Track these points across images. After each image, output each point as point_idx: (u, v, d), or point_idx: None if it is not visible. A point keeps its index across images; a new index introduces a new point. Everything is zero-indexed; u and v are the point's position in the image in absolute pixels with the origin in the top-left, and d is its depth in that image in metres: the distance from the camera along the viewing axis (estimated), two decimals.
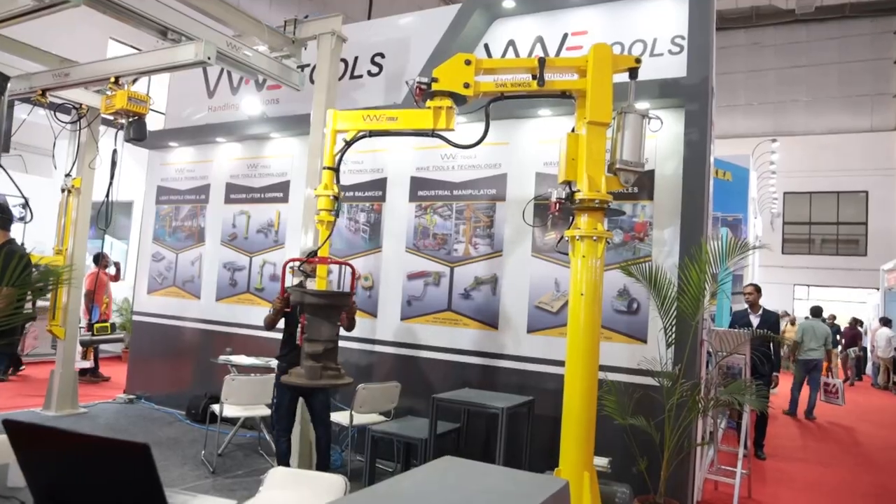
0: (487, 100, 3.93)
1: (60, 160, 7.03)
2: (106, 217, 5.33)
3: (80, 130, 6.80)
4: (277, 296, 4.12)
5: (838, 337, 16.05)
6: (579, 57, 3.97)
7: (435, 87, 3.75)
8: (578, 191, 3.66)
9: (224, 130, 7.28)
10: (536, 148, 5.46)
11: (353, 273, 3.79)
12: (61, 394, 6.90)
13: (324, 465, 4.74)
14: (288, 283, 4.14)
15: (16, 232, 12.57)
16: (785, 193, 23.22)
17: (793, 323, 13.96)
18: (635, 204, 4.98)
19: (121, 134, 5.17)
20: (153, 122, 11.86)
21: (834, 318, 16.70)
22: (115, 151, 5.23)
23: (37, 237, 10.88)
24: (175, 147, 7.92)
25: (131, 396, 7.76)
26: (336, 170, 3.95)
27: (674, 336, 4.45)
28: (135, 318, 8.12)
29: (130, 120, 4.74)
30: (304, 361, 2.84)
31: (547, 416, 5.09)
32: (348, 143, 3.96)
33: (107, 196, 5.20)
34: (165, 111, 8.26)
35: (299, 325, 3.31)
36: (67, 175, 6.86)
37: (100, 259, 8.44)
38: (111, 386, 8.54)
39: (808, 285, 23.22)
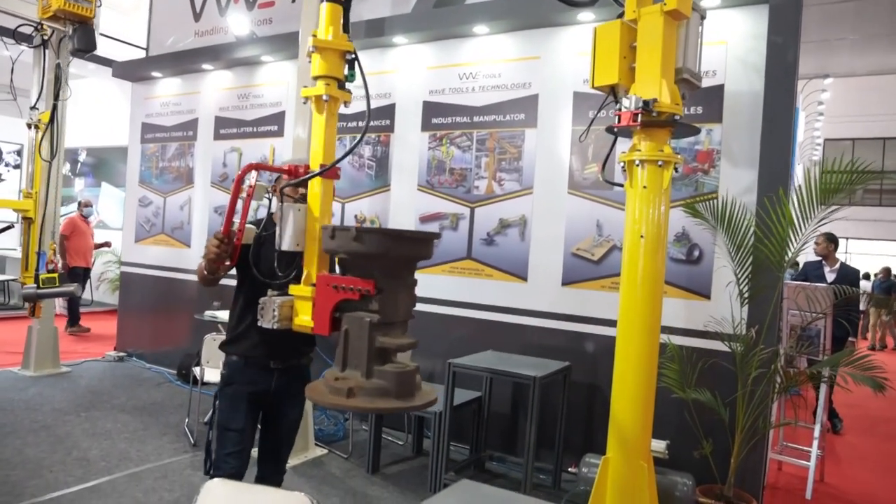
0: None
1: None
2: (51, 145, 4.50)
3: (44, 57, 5.90)
4: (217, 234, 2.16)
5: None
6: None
7: None
8: (655, 100, 2.67)
9: (212, 55, 6.38)
10: (574, 62, 4.48)
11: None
12: (40, 352, 6.26)
13: None
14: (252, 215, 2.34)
15: (12, 179, 11.97)
16: (826, 140, 21.68)
17: None
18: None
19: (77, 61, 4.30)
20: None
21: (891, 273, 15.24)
22: (58, 66, 4.35)
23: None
24: (159, 78, 7.05)
25: (121, 354, 7.16)
26: (345, 3, 2.03)
27: (748, 291, 3.57)
28: (123, 268, 7.43)
29: (74, 27, 3.84)
30: (378, 366, 1.57)
31: (584, 384, 4.30)
32: None
33: (51, 121, 4.35)
34: (148, 39, 7.34)
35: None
36: (33, 108, 6.00)
37: (80, 205, 7.67)
38: (101, 342, 7.91)
39: (847, 238, 21.91)
